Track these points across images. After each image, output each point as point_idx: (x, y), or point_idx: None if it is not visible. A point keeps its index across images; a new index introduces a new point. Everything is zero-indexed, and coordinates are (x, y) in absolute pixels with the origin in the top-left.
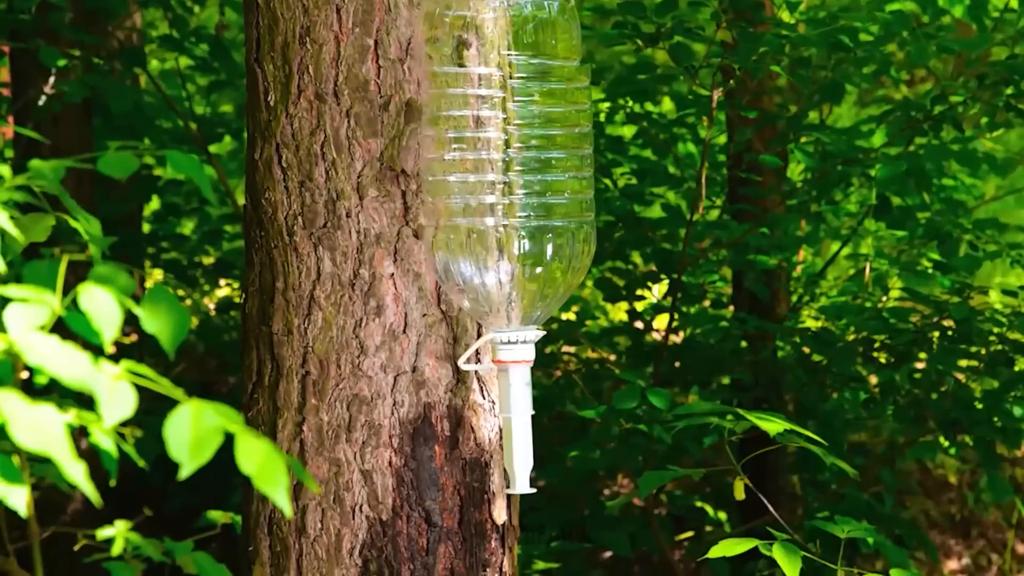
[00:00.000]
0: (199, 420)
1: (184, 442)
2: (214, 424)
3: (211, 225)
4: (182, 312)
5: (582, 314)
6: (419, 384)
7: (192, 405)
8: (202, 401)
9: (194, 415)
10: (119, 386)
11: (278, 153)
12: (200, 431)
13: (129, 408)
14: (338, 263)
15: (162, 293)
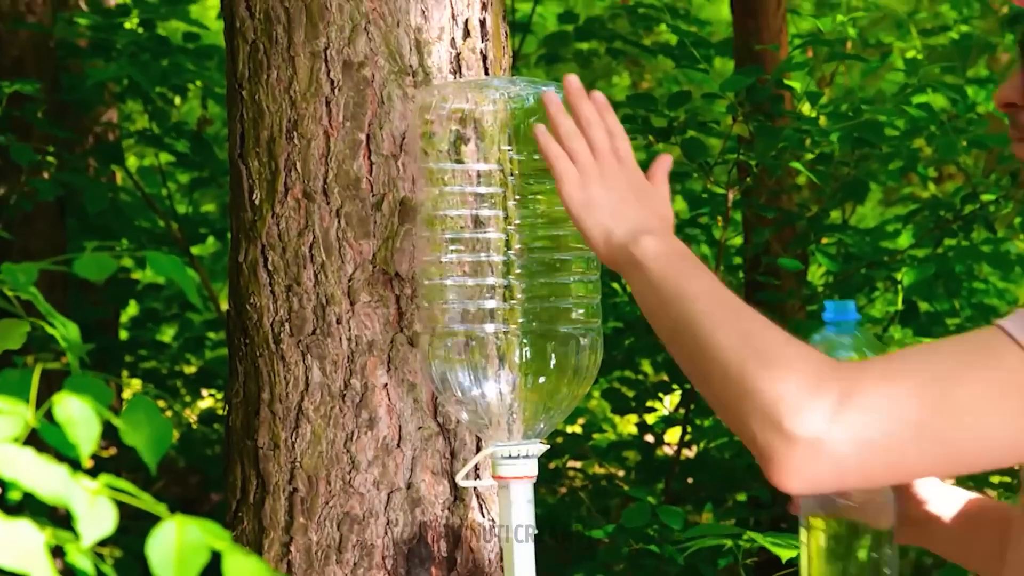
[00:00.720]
0: (184, 537)
1: (168, 560)
2: (200, 541)
3: (193, 332)
4: (164, 424)
5: (589, 427)
6: (414, 502)
7: (176, 521)
8: (186, 517)
9: (179, 532)
10: (98, 502)
11: (264, 255)
12: (185, 548)
13: (109, 525)
14: (328, 373)
15: (143, 403)
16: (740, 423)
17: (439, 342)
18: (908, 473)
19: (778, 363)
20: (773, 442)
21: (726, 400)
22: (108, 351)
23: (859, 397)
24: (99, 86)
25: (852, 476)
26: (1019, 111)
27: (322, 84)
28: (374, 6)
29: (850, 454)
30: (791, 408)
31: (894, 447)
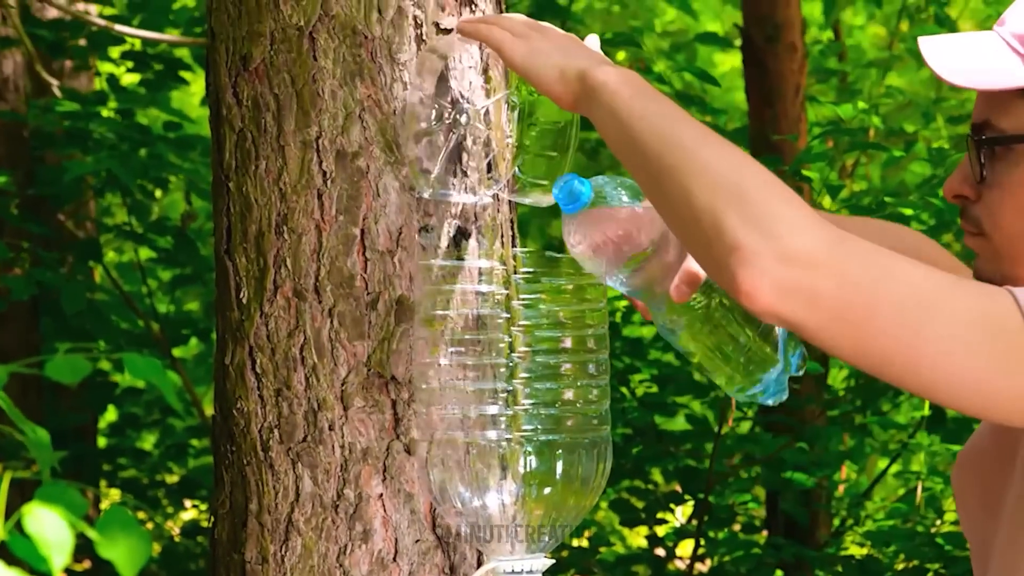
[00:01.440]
0: None
1: None
2: None
3: (175, 439)
4: (142, 535)
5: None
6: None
7: None
8: None
9: None
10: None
11: (251, 357)
12: None
13: None
14: (319, 482)
15: (119, 514)
16: (719, 227)
17: (437, 450)
18: (865, 342)
19: (777, 187)
20: (758, 242)
21: (706, 208)
22: (85, 459)
23: (854, 245)
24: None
25: (820, 311)
26: (970, 204)
27: (314, 175)
28: (369, 93)
29: (831, 287)
30: (789, 221)
31: (870, 303)
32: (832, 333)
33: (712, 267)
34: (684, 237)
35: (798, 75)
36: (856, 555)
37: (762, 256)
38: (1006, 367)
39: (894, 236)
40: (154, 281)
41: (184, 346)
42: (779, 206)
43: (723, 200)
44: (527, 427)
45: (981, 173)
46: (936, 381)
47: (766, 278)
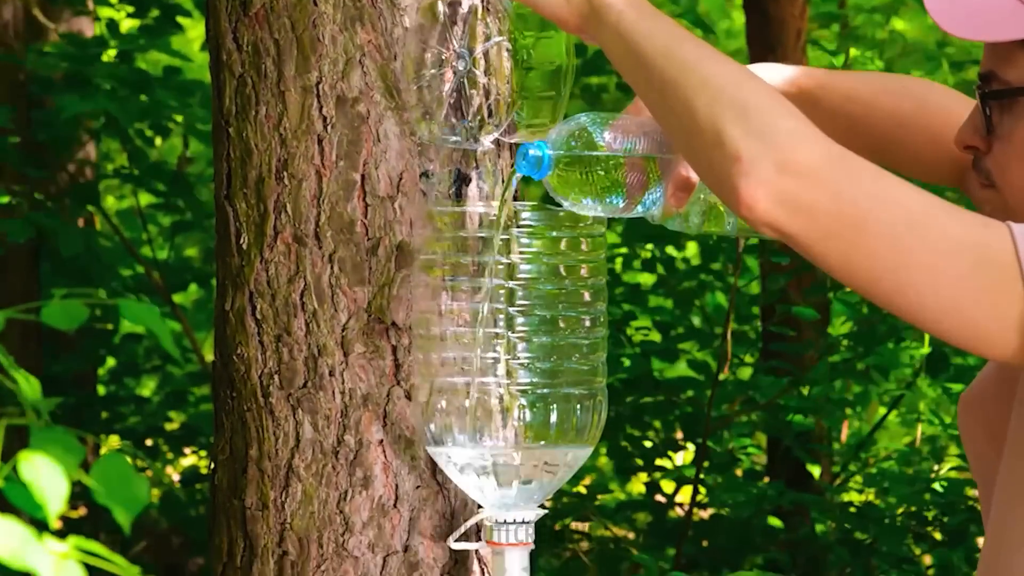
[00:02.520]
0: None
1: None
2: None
3: (175, 386)
4: (139, 481)
5: (595, 487)
6: (412, 566)
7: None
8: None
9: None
10: (66, 567)
11: (252, 303)
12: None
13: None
14: (320, 428)
15: (115, 461)
16: (721, 138)
17: (436, 397)
18: (855, 260)
19: (780, 102)
20: (759, 152)
21: (710, 119)
22: (84, 406)
23: (853, 162)
24: (74, 123)
25: (814, 225)
26: (980, 155)
27: (314, 121)
28: (369, 38)
29: (826, 201)
30: (791, 133)
31: (863, 222)
32: (824, 248)
33: (713, 181)
34: (687, 152)
35: (799, 20)
36: (856, 501)
37: (762, 166)
38: (989, 299)
39: (899, 89)
40: (154, 227)
41: (184, 292)
42: (781, 119)
43: (726, 113)
44: (524, 379)
45: (988, 125)
46: (920, 306)
47: (764, 187)
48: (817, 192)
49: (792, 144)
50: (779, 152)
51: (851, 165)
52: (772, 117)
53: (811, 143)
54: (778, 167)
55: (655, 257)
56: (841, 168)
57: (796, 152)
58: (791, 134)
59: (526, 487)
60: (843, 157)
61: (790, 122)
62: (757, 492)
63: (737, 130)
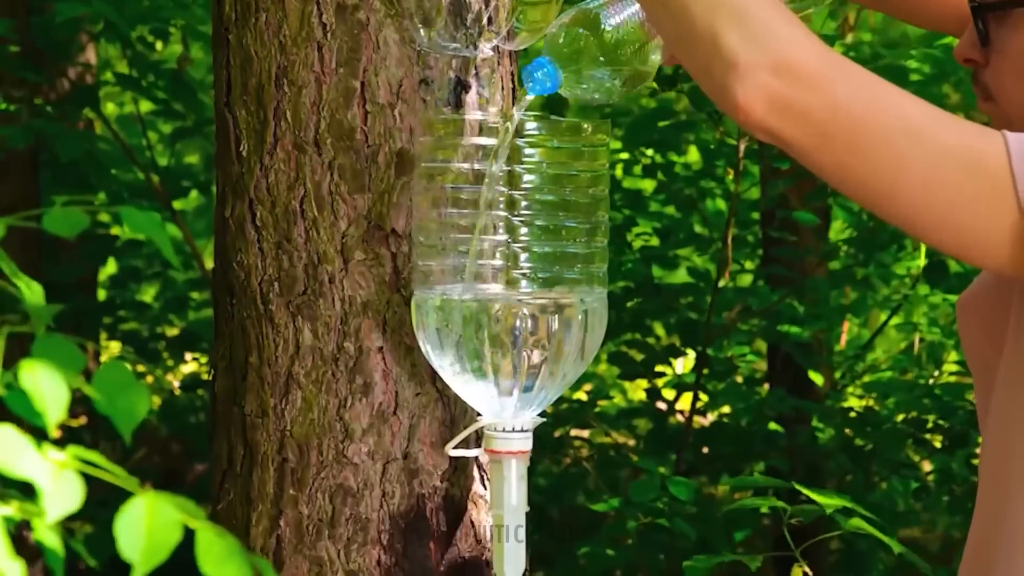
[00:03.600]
0: (155, 515)
1: (137, 541)
2: (172, 519)
3: (175, 292)
4: (139, 391)
5: (595, 393)
6: (412, 473)
7: (147, 498)
8: (159, 493)
9: (149, 509)
10: (64, 476)
11: (251, 210)
12: (156, 527)
13: (75, 501)
14: (319, 335)
15: (116, 370)
16: (717, 43)
17: (435, 304)
18: (849, 165)
19: (781, 11)
20: (755, 56)
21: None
22: (85, 312)
23: (851, 70)
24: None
25: (809, 129)
26: (979, 68)
27: (314, 28)
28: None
29: (821, 105)
30: (788, 39)
31: (858, 127)
32: (819, 154)
33: (710, 87)
34: (684, 57)
35: None
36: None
37: (758, 71)
38: (982, 208)
39: None
40: (154, 134)
41: (184, 199)
42: (779, 24)
43: (723, 18)
44: (524, 288)
45: (983, 38)
46: (915, 214)
47: (760, 92)
48: (813, 96)
49: (789, 48)
50: (775, 56)
51: (849, 71)
52: (770, 22)
53: (808, 48)
54: (774, 71)
55: (655, 163)
56: (838, 73)
57: (793, 56)
58: (789, 39)
59: (526, 395)
60: (841, 63)
61: (787, 27)
62: (757, 399)
63: (734, 35)
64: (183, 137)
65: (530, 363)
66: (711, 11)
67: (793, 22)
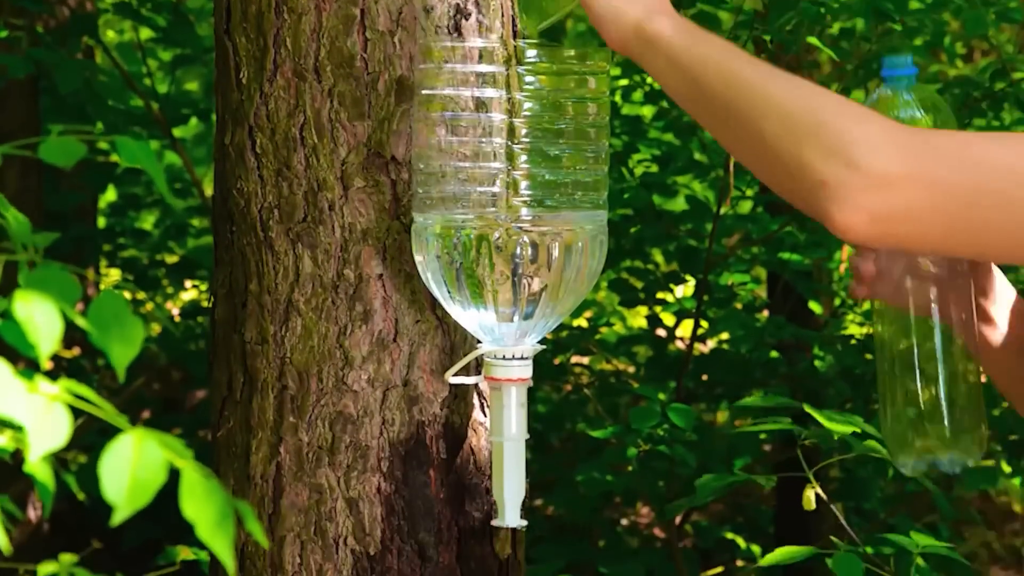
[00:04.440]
0: (141, 454)
1: (122, 482)
2: (158, 459)
3: (175, 219)
4: (134, 323)
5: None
6: (412, 400)
7: (135, 435)
8: (147, 431)
9: (135, 448)
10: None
11: (251, 138)
12: (141, 468)
13: (62, 437)
14: (319, 262)
15: (112, 300)
16: (800, 164)
17: (435, 231)
18: (977, 237)
19: (848, 108)
20: (842, 173)
21: (784, 146)
22: (84, 239)
23: (937, 146)
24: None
25: (920, 225)
26: None
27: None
28: None
29: (924, 198)
30: (867, 143)
31: (969, 201)
32: (940, 240)
33: (800, 203)
34: (766, 177)
35: None
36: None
37: (849, 187)
38: None
39: None
40: (154, 61)
41: (184, 126)
42: (855, 129)
43: (799, 136)
44: (525, 215)
45: None
46: None
47: (858, 210)
48: (912, 195)
49: (870, 154)
50: (861, 168)
51: (935, 144)
52: (846, 130)
53: (888, 144)
54: (865, 185)
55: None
56: (927, 160)
57: (877, 163)
58: (867, 143)
59: (526, 322)
60: (925, 141)
61: (865, 129)
62: (757, 326)
63: (813, 153)
64: (183, 64)
65: (530, 290)
66: (785, 130)
67: (866, 118)
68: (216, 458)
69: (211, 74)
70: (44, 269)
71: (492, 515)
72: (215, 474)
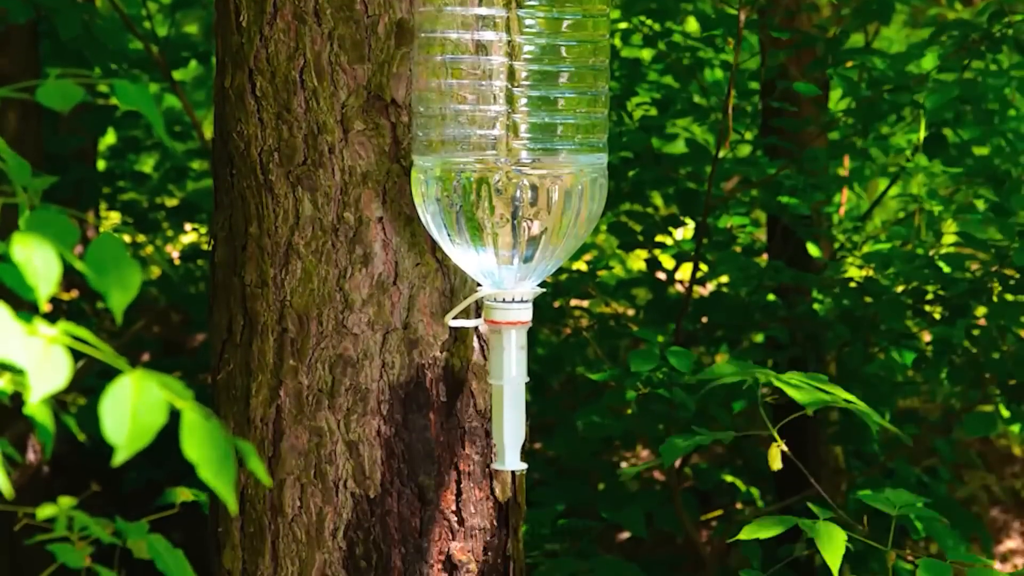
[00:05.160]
0: (141, 395)
1: (122, 423)
2: (158, 400)
3: (175, 162)
4: (133, 267)
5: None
6: (412, 343)
7: (134, 377)
8: (147, 372)
9: (135, 389)
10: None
11: (251, 81)
12: (141, 409)
13: (62, 379)
14: (319, 205)
15: (110, 244)
16: None
17: (436, 174)
18: None
19: None
20: None
21: None
22: (84, 182)
23: None
24: None
25: None
26: None
27: None
28: None
29: None
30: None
31: None
32: None
33: None
34: None
35: None
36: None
37: None
38: None
39: None
40: (153, 4)
41: (183, 69)
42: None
43: None
44: (525, 158)
45: None
46: None
47: None
48: None
49: None
50: None
51: None
52: None
53: None
54: None
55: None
56: None
57: None
58: None
59: (526, 265)
60: None
61: None
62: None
63: None
64: (183, 7)
65: (530, 233)
66: None
67: None
68: (216, 401)
69: (211, 16)
70: (43, 212)
71: (492, 458)
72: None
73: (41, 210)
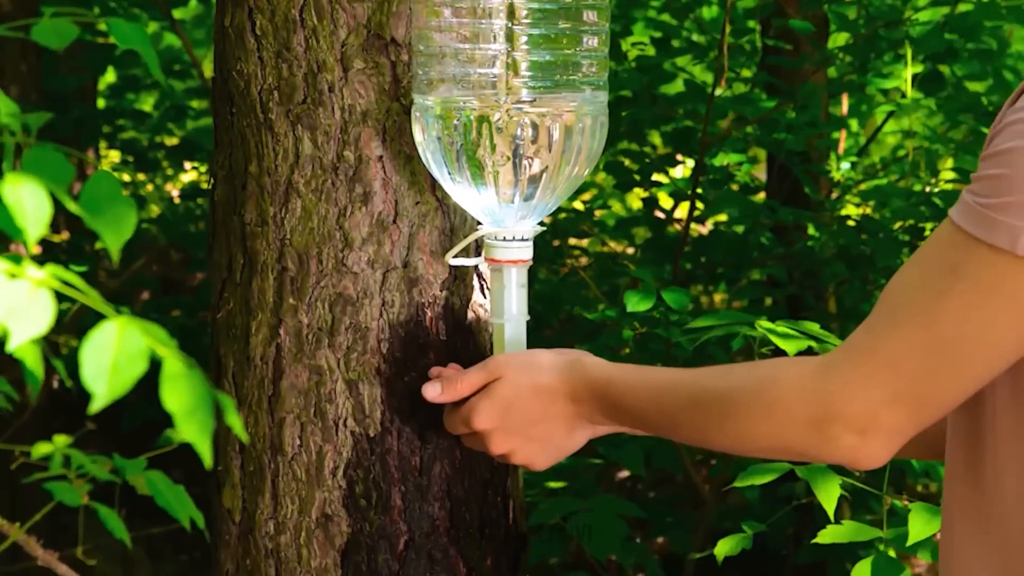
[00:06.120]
0: (123, 342)
1: (102, 369)
2: (139, 347)
3: (175, 100)
4: (128, 206)
5: (593, 203)
6: (412, 282)
7: (117, 323)
8: (130, 319)
9: (118, 336)
10: (36, 295)
11: (251, 19)
12: (122, 356)
13: (44, 323)
14: (319, 144)
15: (105, 183)
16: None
17: (435, 113)
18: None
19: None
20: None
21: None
22: (84, 120)
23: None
24: None
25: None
26: None
27: None
28: None
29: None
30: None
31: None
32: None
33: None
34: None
35: None
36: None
37: (845, 440)
38: None
39: None
40: None
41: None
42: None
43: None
44: (525, 97)
45: None
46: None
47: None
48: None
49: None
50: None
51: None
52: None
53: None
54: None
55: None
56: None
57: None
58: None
59: (526, 204)
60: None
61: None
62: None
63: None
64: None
65: (531, 172)
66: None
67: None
68: (216, 340)
69: None
70: (36, 150)
71: None
72: (216, 355)
73: (36, 148)
